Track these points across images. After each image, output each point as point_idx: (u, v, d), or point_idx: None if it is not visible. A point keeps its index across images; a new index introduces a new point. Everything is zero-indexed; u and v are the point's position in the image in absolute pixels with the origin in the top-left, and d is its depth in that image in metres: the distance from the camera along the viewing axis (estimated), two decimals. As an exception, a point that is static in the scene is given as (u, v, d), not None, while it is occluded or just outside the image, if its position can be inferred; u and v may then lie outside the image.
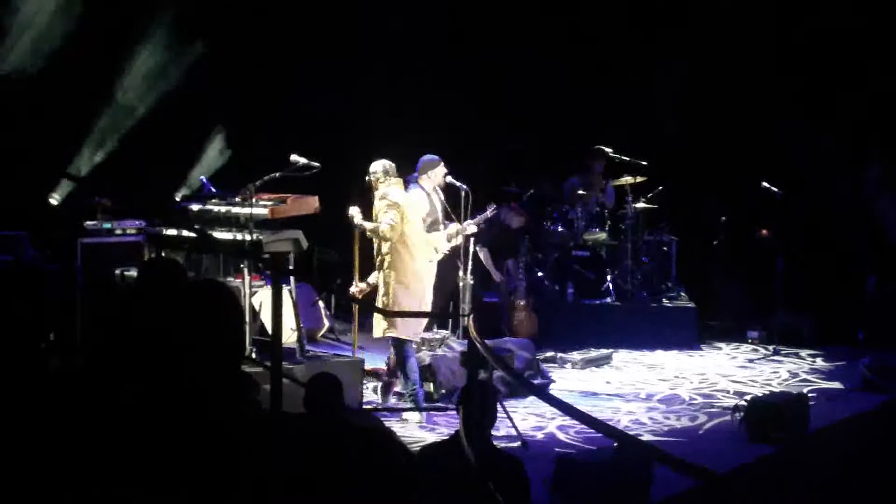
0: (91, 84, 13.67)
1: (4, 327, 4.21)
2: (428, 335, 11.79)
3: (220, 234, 10.26)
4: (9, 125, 13.01)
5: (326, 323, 14.37)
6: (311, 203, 10.83)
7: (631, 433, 9.49)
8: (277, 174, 11.19)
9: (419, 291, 10.99)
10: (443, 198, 12.26)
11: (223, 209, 10.62)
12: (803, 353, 13.94)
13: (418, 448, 7.12)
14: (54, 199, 13.52)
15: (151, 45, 14.13)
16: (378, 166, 11.28)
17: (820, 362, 13.43)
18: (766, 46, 15.69)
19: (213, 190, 11.61)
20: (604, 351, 13.48)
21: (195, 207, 10.68)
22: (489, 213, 12.70)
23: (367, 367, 11.77)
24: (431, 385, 10.99)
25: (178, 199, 11.12)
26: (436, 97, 15.76)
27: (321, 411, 5.84)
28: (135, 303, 3.94)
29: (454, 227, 12.19)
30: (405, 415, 10.59)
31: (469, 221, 12.26)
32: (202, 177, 12.20)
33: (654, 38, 16.42)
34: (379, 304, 10.89)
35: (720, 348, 14.48)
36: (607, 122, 15.71)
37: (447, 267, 12.62)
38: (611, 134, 15.35)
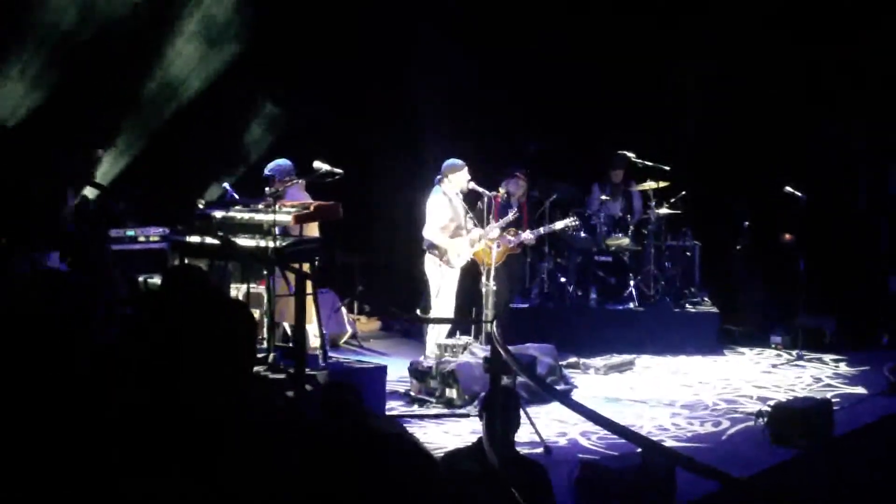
0: (114, 90, 13.72)
1: (27, 334, 4.22)
2: (451, 341, 11.80)
3: (244, 241, 10.27)
4: (31, 132, 13.05)
5: (349, 329, 14.40)
6: (335, 209, 10.83)
7: (654, 439, 9.47)
8: (301, 181, 11.24)
9: None
10: (463, 202, 12.30)
11: (246, 216, 10.63)
12: (827, 357, 13.90)
13: (442, 454, 7.12)
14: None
15: (175, 51, 14.18)
16: (282, 168, 11.48)
17: (843, 367, 13.39)
18: (791, 51, 15.65)
19: (237, 197, 11.64)
20: (627, 356, 13.47)
21: (218, 214, 10.69)
22: (511, 216, 12.74)
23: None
24: (454, 391, 11.00)
25: (201, 205, 11.12)
26: (459, 99, 15.79)
27: (341, 416, 5.85)
28: (156, 309, 3.97)
29: (477, 232, 12.22)
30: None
31: (492, 225, 12.30)
32: (226, 184, 12.24)
33: (681, 41, 16.42)
34: None
35: (743, 353, 14.46)
36: (631, 126, 15.68)
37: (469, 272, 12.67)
38: (634, 138, 15.32)
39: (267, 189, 11.24)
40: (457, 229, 12.20)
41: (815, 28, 15.51)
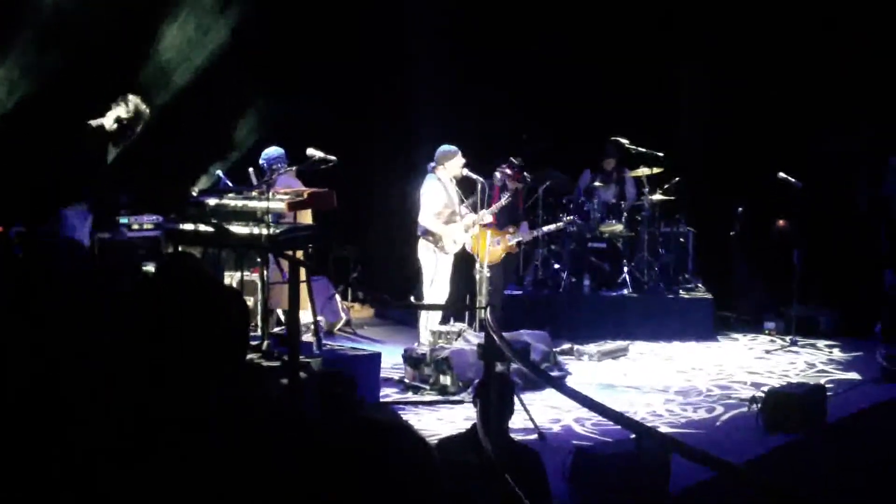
0: (109, 78, 13.68)
1: (21, 320, 4.23)
2: (445, 328, 11.81)
3: (238, 229, 10.26)
4: (27, 121, 13.02)
5: (343, 316, 14.41)
6: (329, 197, 10.84)
7: (648, 425, 9.47)
8: (294, 168, 11.23)
9: None
10: (457, 188, 12.32)
11: (240, 203, 10.64)
12: (820, 343, 13.92)
13: (436, 441, 7.13)
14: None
15: (170, 38, 14.14)
16: (273, 156, 11.59)
17: (837, 353, 13.42)
18: (788, 40, 15.63)
19: (230, 184, 11.64)
20: (620, 343, 13.49)
21: (212, 202, 10.69)
22: (504, 201, 12.75)
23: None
24: (449, 377, 11.01)
25: (194, 193, 11.11)
26: (452, 89, 15.77)
27: (335, 405, 5.85)
28: (149, 297, 3.96)
29: (471, 217, 12.24)
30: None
31: (485, 211, 12.32)
32: (219, 171, 12.23)
33: (680, 41, 16.42)
34: None
35: (737, 339, 14.48)
36: (628, 121, 15.65)
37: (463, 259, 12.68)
38: (627, 125, 15.30)
39: (253, 177, 11.27)
40: (451, 215, 12.21)
41: (816, 27, 15.50)
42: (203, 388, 3.49)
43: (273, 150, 11.84)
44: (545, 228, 14.08)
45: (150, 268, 11.52)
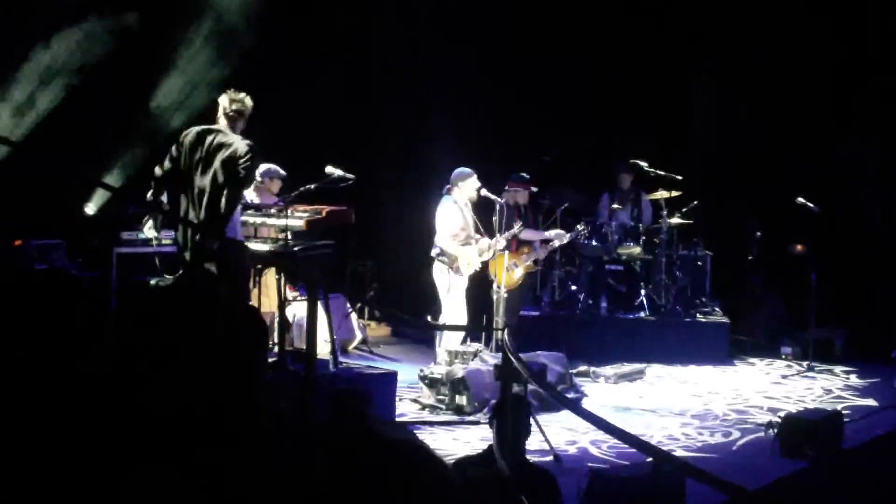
0: (127, 93, 13.73)
1: (38, 334, 4.23)
2: (461, 348, 11.79)
3: (256, 246, 10.27)
4: (45, 134, 13.07)
5: (359, 334, 14.40)
6: (347, 215, 10.84)
7: (664, 448, 9.45)
8: (313, 186, 11.25)
9: None
10: (472, 212, 12.32)
11: (259, 220, 10.65)
12: (837, 369, 13.88)
13: (452, 461, 7.12)
14: (90, 209, 13.57)
15: (188, 54, 14.18)
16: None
17: (854, 379, 13.37)
18: (802, 60, 15.63)
19: (249, 201, 11.67)
20: (637, 365, 13.47)
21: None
22: (516, 229, 12.71)
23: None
24: (465, 398, 10.99)
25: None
26: (469, 107, 15.79)
27: (349, 422, 5.84)
28: (165, 311, 3.97)
29: (485, 242, 12.23)
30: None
31: (499, 237, 12.29)
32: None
33: (695, 51, 16.44)
34: None
35: (753, 364, 14.44)
36: (643, 136, 15.67)
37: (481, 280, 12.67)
38: (646, 148, 15.31)
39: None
40: (467, 238, 12.21)
41: (828, 37, 15.51)
42: (215, 403, 3.50)
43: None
44: (557, 243, 13.90)
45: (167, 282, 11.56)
